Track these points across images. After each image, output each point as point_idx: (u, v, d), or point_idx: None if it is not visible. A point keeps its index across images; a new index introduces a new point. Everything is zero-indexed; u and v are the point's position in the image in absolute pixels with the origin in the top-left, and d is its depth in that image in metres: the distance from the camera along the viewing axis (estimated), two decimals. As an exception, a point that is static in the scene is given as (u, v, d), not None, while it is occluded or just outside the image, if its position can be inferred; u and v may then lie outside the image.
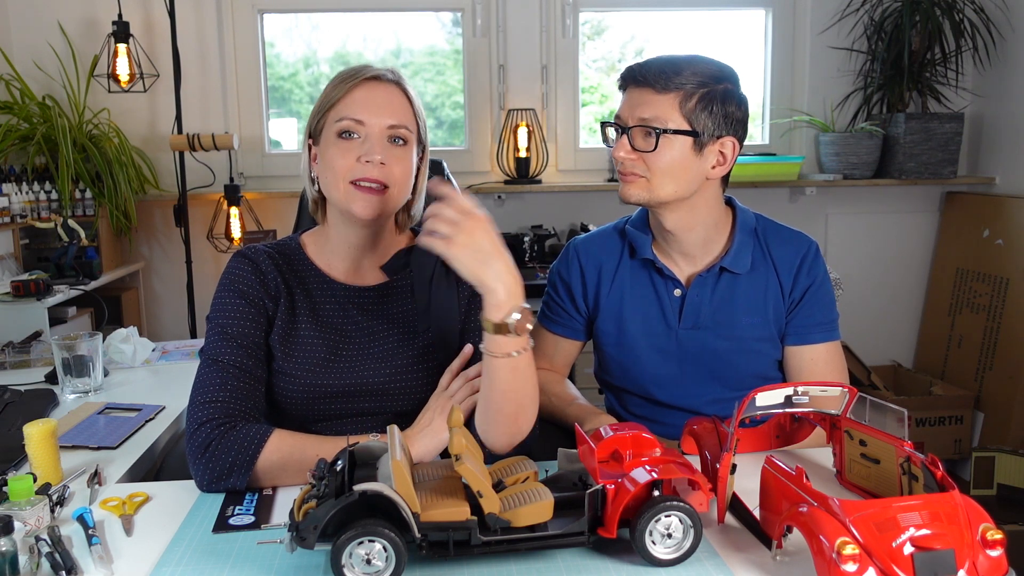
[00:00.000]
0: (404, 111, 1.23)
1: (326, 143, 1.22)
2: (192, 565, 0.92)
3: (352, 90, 1.21)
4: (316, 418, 1.25)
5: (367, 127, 1.19)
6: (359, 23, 3.17)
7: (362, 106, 1.20)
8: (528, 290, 2.80)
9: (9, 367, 1.91)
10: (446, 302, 1.28)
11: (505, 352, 1.08)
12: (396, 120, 1.21)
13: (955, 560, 0.78)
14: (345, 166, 1.19)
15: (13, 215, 2.53)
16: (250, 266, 1.27)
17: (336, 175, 1.20)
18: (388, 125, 1.20)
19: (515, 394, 1.11)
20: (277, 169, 3.11)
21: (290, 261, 1.31)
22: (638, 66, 1.31)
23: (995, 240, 3.03)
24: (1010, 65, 3.03)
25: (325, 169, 1.22)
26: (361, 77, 1.22)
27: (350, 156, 1.19)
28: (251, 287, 1.24)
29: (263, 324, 1.24)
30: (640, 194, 1.33)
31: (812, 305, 1.39)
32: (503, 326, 1.06)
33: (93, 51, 2.85)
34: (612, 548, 0.92)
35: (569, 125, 3.15)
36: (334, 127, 1.20)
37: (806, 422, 1.20)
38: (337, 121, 1.20)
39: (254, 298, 1.24)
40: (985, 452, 2.73)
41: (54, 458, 1.17)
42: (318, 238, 1.33)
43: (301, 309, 1.26)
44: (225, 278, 1.26)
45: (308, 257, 1.32)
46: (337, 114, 1.20)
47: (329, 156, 1.21)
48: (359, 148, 1.19)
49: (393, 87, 1.23)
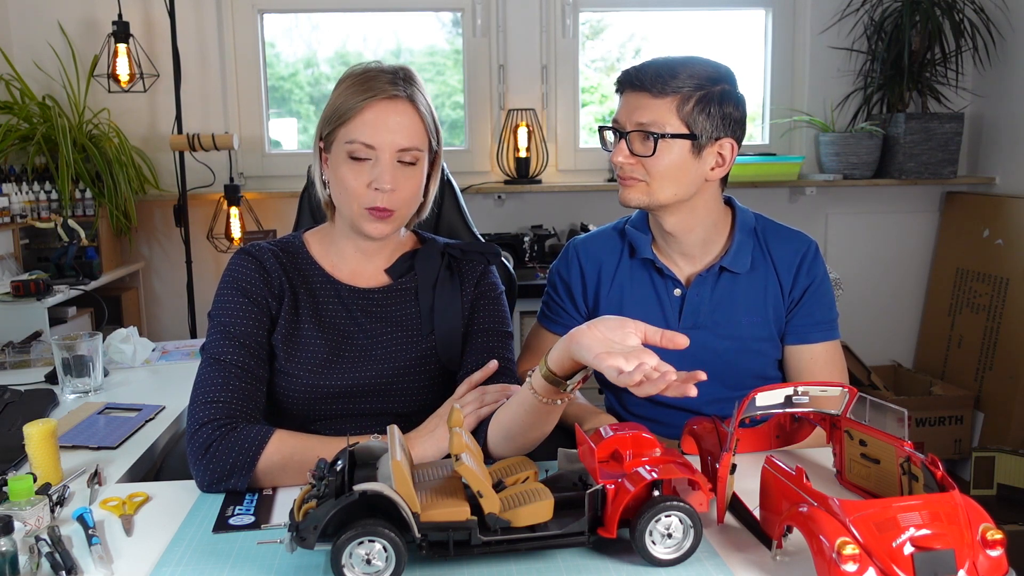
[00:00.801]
0: (415, 131, 1.21)
1: (336, 159, 1.22)
2: (192, 565, 0.92)
3: (363, 111, 1.18)
4: (317, 418, 1.25)
5: (378, 151, 1.19)
6: (359, 23, 3.17)
7: (373, 129, 1.18)
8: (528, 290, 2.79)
9: (9, 367, 1.91)
10: (450, 306, 1.29)
11: (551, 399, 1.04)
12: (407, 143, 1.20)
13: (955, 560, 0.78)
14: (357, 190, 1.20)
15: (13, 215, 2.53)
16: (254, 264, 1.26)
17: (348, 196, 1.21)
18: (399, 148, 1.20)
19: (542, 425, 1.10)
20: (277, 169, 3.11)
21: (294, 259, 1.30)
22: (634, 70, 1.31)
23: (995, 240, 3.03)
24: (1010, 65, 3.03)
25: (337, 185, 1.23)
26: (373, 97, 1.18)
27: (361, 180, 1.19)
28: (254, 285, 1.24)
29: (266, 323, 1.24)
30: (640, 198, 1.33)
31: (812, 304, 1.39)
32: (560, 381, 1.01)
33: (93, 51, 2.85)
34: (612, 548, 0.92)
35: (569, 125, 3.15)
36: (344, 147, 1.20)
37: (806, 422, 1.19)
38: (348, 143, 1.19)
39: (257, 296, 1.24)
40: (985, 452, 2.73)
41: (54, 458, 1.17)
42: (323, 237, 1.33)
43: (304, 309, 1.26)
44: (228, 275, 1.26)
45: (312, 256, 1.31)
46: (348, 134, 1.19)
47: (340, 175, 1.21)
48: (370, 172, 1.19)
49: (405, 105, 1.20)
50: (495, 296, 1.34)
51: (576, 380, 1.02)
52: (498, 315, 1.33)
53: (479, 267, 1.35)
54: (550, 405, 1.04)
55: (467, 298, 1.31)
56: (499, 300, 1.35)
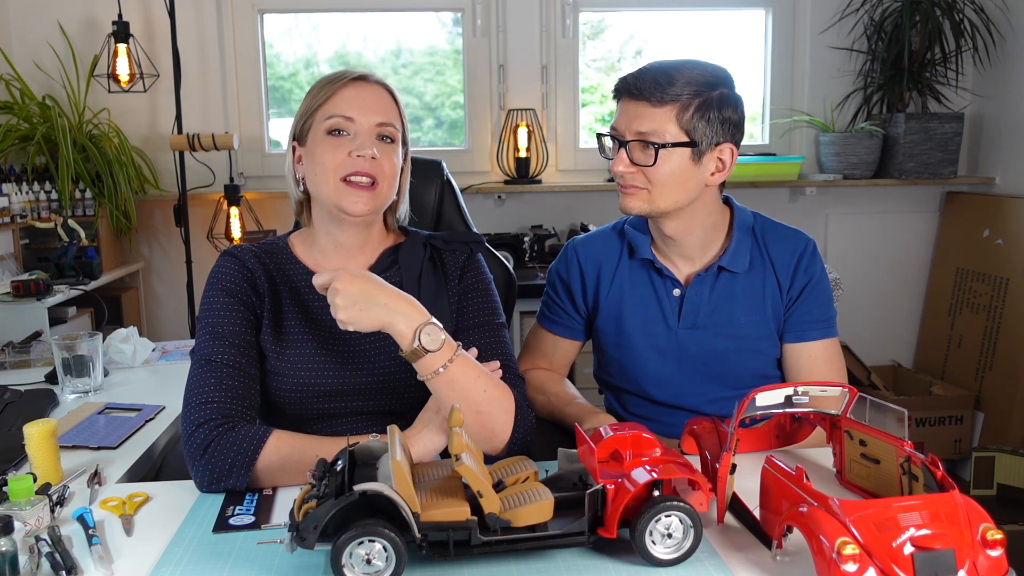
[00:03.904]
0: (391, 110, 1.25)
1: (314, 141, 1.23)
2: (192, 565, 0.92)
3: (340, 90, 1.22)
4: (311, 417, 1.25)
5: (357, 124, 1.21)
6: (359, 23, 3.17)
7: (351, 104, 1.21)
8: (528, 290, 2.79)
9: (9, 367, 1.91)
10: (436, 300, 1.28)
11: (433, 371, 1.09)
12: (385, 118, 1.23)
13: (955, 560, 0.78)
14: (336, 161, 1.20)
15: (13, 215, 2.53)
16: (236, 264, 1.27)
17: (327, 171, 1.20)
18: (377, 123, 1.22)
19: (467, 404, 1.10)
20: (277, 169, 3.11)
21: (277, 260, 1.30)
22: (631, 77, 1.30)
23: (995, 240, 3.03)
24: (1010, 65, 3.03)
25: (314, 166, 1.22)
26: (348, 78, 1.24)
27: (340, 152, 1.20)
28: (238, 285, 1.25)
29: (252, 322, 1.24)
30: (641, 206, 1.33)
31: (810, 302, 1.39)
32: (417, 351, 1.08)
33: (93, 51, 2.85)
34: (612, 548, 0.92)
35: (569, 125, 3.15)
36: (323, 125, 1.21)
37: (806, 422, 1.20)
38: (327, 119, 1.21)
39: (242, 296, 1.24)
40: (985, 452, 2.73)
41: (54, 458, 1.17)
42: (306, 238, 1.34)
43: (288, 308, 1.26)
44: (212, 277, 1.26)
45: (296, 256, 1.31)
46: (326, 112, 1.21)
47: (319, 153, 1.21)
48: (349, 144, 1.20)
49: (379, 87, 1.26)
50: (483, 287, 1.32)
51: (424, 340, 1.07)
52: (487, 307, 1.31)
53: (462, 257, 1.34)
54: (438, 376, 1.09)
55: (453, 289, 1.30)
56: (487, 291, 1.33)
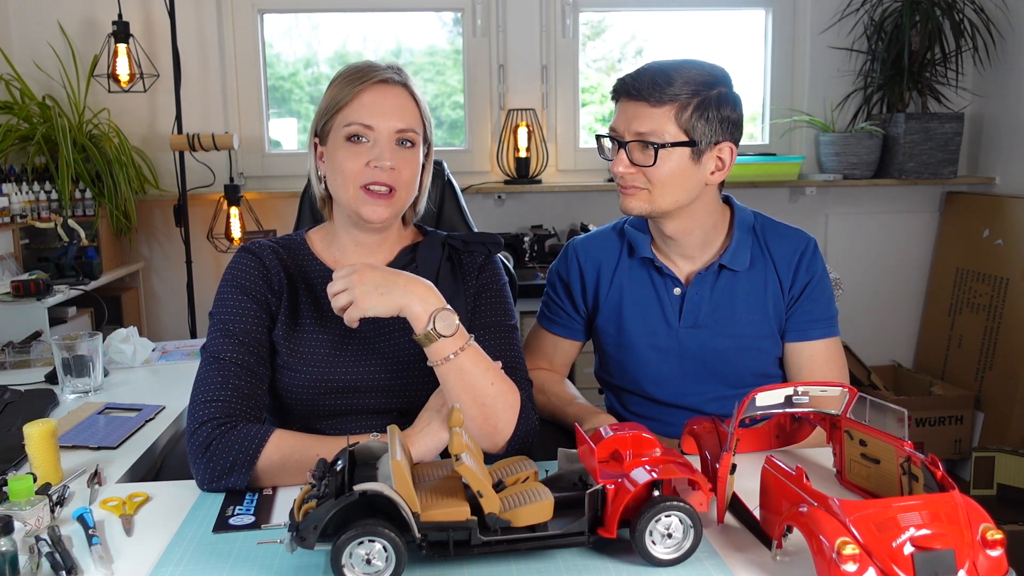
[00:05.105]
0: (412, 114, 1.23)
1: (334, 145, 1.22)
2: (192, 565, 0.92)
3: (360, 94, 1.20)
4: (321, 415, 1.25)
5: (376, 132, 1.20)
6: (359, 23, 3.17)
7: (370, 111, 1.20)
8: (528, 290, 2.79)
9: (9, 367, 1.91)
10: (453, 298, 1.28)
11: (444, 357, 1.11)
12: (405, 124, 1.21)
13: (955, 560, 0.78)
14: (355, 170, 1.20)
15: (13, 215, 2.53)
16: (254, 261, 1.27)
17: (346, 179, 1.20)
18: (397, 129, 1.21)
19: (473, 395, 1.12)
20: (277, 169, 3.11)
21: (295, 256, 1.31)
22: (630, 77, 1.30)
23: (995, 240, 3.03)
24: (1010, 65, 3.03)
25: (334, 172, 1.22)
26: (369, 80, 1.21)
27: (359, 160, 1.20)
28: (253, 282, 1.25)
29: (265, 320, 1.24)
30: (642, 206, 1.33)
31: (811, 301, 1.39)
32: (430, 334, 1.09)
33: (93, 51, 2.85)
34: (612, 548, 0.92)
35: (569, 125, 3.15)
36: (342, 131, 1.21)
37: (806, 422, 1.20)
38: (346, 125, 1.20)
39: (257, 293, 1.24)
40: (985, 452, 2.73)
41: (54, 458, 1.17)
42: (325, 235, 1.34)
43: (305, 304, 1.27)
44: (228, 273, 1.26)
45: (314, 253, 1.32)
46: (345, 118, 1.20)
47: (339, 159, 1.21)
48: (368, 152, 1.20)
49: (400, 89, 1.23)
50: (498, 288, 1.33)
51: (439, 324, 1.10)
52: (501, 308, 1.32)
53: (479, 258, 1.34)
54: (448, 363, 1.11)
55: (470, 290, 1.31)
56: (502, 292, 1.33)
